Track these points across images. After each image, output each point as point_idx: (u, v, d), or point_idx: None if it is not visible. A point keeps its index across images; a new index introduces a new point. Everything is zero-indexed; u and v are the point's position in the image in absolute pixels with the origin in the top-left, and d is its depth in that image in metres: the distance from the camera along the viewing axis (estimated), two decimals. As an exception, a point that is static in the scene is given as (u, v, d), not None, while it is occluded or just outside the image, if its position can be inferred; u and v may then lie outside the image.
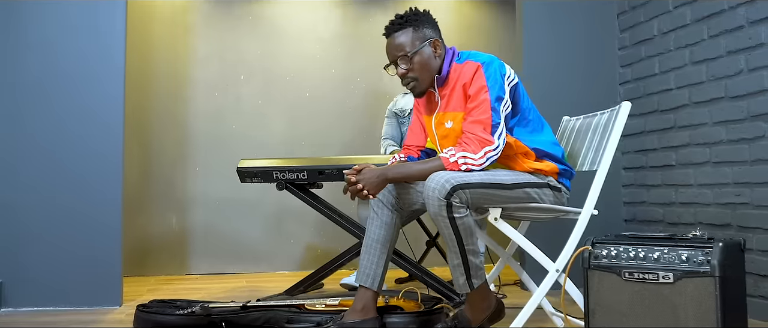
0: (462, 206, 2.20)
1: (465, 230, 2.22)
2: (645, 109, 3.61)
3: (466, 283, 2.29)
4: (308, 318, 2.69)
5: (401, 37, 2.42)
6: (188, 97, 4.63)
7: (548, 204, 2.38)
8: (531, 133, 2.44)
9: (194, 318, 2.75)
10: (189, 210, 4.60)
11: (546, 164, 2.40)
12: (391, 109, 4.05)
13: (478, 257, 2.29)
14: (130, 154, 4.54)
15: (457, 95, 2.39)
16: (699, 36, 3.22)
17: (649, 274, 2.07)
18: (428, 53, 2.42)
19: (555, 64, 3.79)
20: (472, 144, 2.27)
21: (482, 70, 2.34)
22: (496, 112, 2.29)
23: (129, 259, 4.48)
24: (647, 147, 3.60)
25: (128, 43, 4.51)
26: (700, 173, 3.20)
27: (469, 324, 2.38)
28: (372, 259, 2.52)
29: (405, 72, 2.43)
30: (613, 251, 2.16)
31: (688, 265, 2.01)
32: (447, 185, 2.17)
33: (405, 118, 3.96)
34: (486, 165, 2.28)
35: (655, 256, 2.08)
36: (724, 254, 1.97)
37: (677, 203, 3.37)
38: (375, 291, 2.52)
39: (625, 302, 2.12)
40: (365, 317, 2.49)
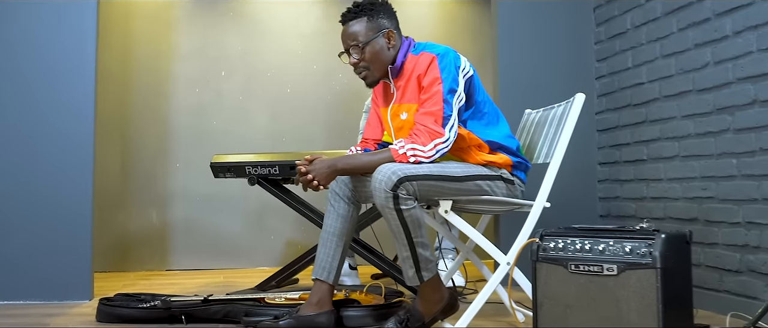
0: (409, 198, 2.19)
1: (413, 222, 2.21)
2: (619, 103, 3.58)
3: (416, 275, 2.28)
4: (266, 311, 2.69)
5: (355, 26, 2.42)
6: (170, 92, 4.65)
7: (501, 197, 2.37)
8: (486, 126, 2.42)
9: (155, 311, 2.75)
10: (170, 205, 4.61)
11: (499, 157, 2.39)
12: (369, 104, 4.04)
13: (428, 250, 2.28)
14: (111, 150, 4.56)
15: (411, 87, 2.39)
16: (669, 29, 3.19)
17: (594, 266, 2.06)
18: (381, 44, 2.41)
19: (531, 58, 3.76)
20: (422, 136, 2.26)
21: (436, 61, 2.32)
22: (449, 104, 2.28)
23: (109, 255, 4.51)
24: (621, 142, 3.57)
25: (110, 38, 4.56)
26: (670, 167, 3.18)
27: (422, 318, 2.37)
28: (328, 252, 2.52)
29: (357, 61, 2.42)
30: (560, 243, 2.14)
31: (632, 257, 2.00)
32: (393, 177, 2.16)
33: (381, 113, 3.95)
34: (436, 157, 2.26)
35: (600, 248, 2.06)
36: (666, 246, 1.96)
37: (648, 197, 3.34)
38: (331, 284, 2.51)
39: (572, 295, 2.11)
40: (320, 310, 2.49)
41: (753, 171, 2.68)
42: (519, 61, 3.76)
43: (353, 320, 2.61)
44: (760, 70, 2.64)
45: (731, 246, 2.80)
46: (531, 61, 3.76)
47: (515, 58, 3.76)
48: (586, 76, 3.83)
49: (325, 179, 2.31)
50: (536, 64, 3.76)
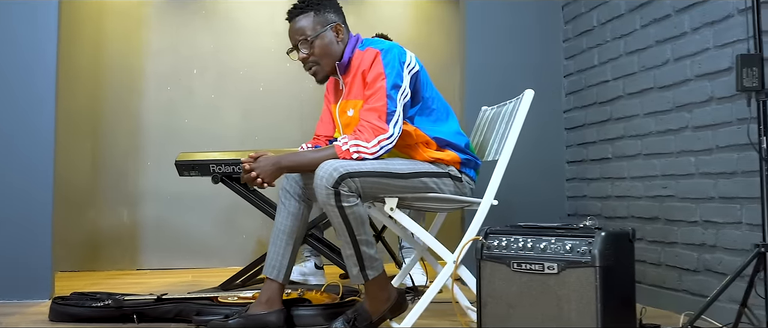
0: (352, 195, 2.16)
1: (356, 219, 2.18)
2: (586, 101, 3.56)
3: (360, 274, 2.25)
4: (217, 310, 2.66)
5: (302, 20, 2.39)
6: (141, 89, 4.62)
7: (448, 194, 2.34)
8: (434, 123, 2.39)
9: (107, 311, 2.72)
10: (140, 204, 4.58)
11: (447, 154, 2.36)
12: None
13: (373, 248, 2.25)
14: (81, 147, 4.53)
15: (357, 83, 2.36)
16: (632, 26, 3.16)
17: (535, 265, 2.03)
18: (330, 38, 2.39)
19: (499, 56, 3.73)
20: (366, 132, 2.23)
21: (380, 57, 2.30)
22: (393, 100, 2.25)
23: (79, 253, 4.48)
24: (588, 140, 3.54)
25: (81, 34, 4.53)
26: (633, 165, 3.15)
27: (369, 317, 2.34)
28: (278, 251, 2.49)
29: (306, 57, 2.40)
30: (503, 241, 2.11)
31: (572, 255, 1.97)
32: (335, 174, 2.14)
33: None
34: (380, 154, 2.23)
35: (541, 246, 2.03)
36: (606, 243, 1.93)
37: (613, 196, 3.31)
38: (280, 283, 2.48)
39: (514, 294, 2.08)
40: (270, 309, 2.46)
41: (710, 169, 2.66)
42: (487, 60, 3.73)
43: (304, 319, 2.58)
44: (716, 66, 2.62)
45: (690, 245, 2.77)
46: (499, 59, 3.73)
47: (483, 57, 3.73)
48: (555, 74, 3.80)
49: (270, 177, 2.28)
50: (505, 62, 3.73)
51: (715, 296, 2.02)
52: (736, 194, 2.52)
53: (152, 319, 2.71)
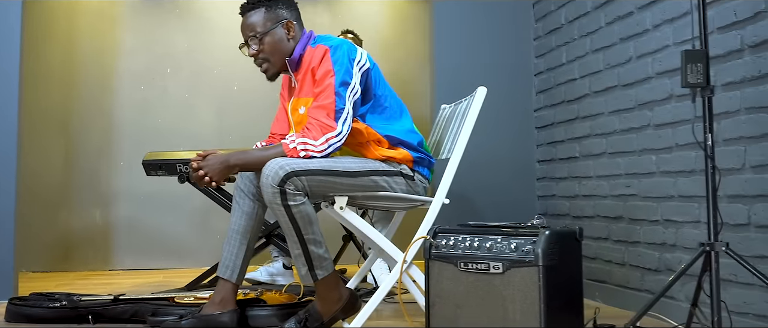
0: (299, 194, 2.13)
1: (303, 218, 2.15)
2: (555, 100, 3.53)
3: (309, 274, 2.22)
4: (173, 311, 2.63)
5: (253, 16, 2.36)
6: (114, 88, 4.60)
7: (399, 193, 2.31)
8: (387, 121, 2.36)
9: (62, 311, 2.69)
10: (113, 204, 4.56)
11: (399, 152, 2.33)
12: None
13: (321, 248, 2.22)
14: (54, 145, 4.50)
15: (308, 80, 2.33)
16: (598, 24, 3.13)
17: (481, 264, 2.00)
18: (280, 35, 2.36)
19: (469, 56, 3.70)
20: (314, 130, 2.20)
21: (329, 54, 2.27)
22: (341, 97, 2.22)
23: (52, 254, 4.46)
24: (556, 139, 3.52)
25: (53, 32, 4.50)
26: (598, 164, 3.12)
27: (320, 317, 2.31)
28: (232, 250, 2.46)
29: (256, 53, 2.37)
30: (451, 240, 2.08)
31: (516, 254, 1.94)
32: (281, 172, 2.11)
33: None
34: (328, 152, 2.20)
35: (487, 246, 2.00)
36: (549, 242, 1.90)
37: (580, 195, 3.28)
38: (234, 283, 2.45)
39: (461, 294, 2.05)
40: (223, 309, 2.43)
41: (670, 168, 2.63)
42: (456, 59, 3.70)
43: (258, 320, 2.55)
44: (676, 64, 2.59)
45: (652, 245, 2.74)
46: (469, 58, 3.70)
47: (452, 56, 3.70)
48: (525, 73, 3.77)
49: (218, 175, 2.25)
50: (474, 60, 3.70)
51: (658, 296, 1.99)
52: (695, 192, 2.49)
53: (108, 319, 2.68)
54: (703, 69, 1.87)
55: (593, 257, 3.16)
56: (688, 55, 1.87)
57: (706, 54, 1.89)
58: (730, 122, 2.31)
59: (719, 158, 2.36)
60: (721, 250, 1.91)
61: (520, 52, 3.77)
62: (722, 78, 2.35)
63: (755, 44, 2.20)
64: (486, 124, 3.67)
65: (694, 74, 1.86)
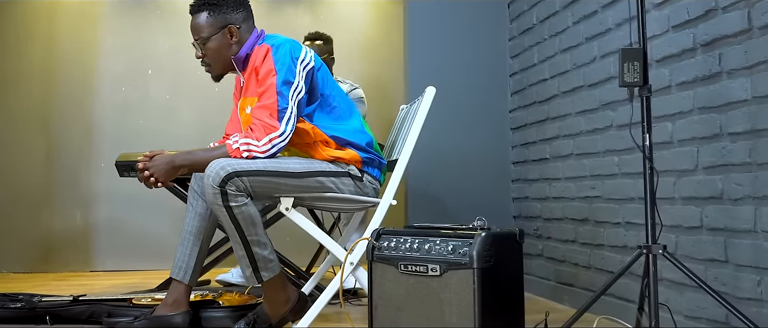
0: (240, 195, 2.11)
1: (245, 219, 2.13)
2: (527, 100, 3.49)
3: (253, 275, 2.21)
4: (128, 312, 2.62)
5: (198, 18, 2.36)
6: (95, 88, 4.61)
7: (347, 194, 2.28)
8: (335, 121, 2.34)
9: (20, 311, 2.69)
10: (94, 205, 4.56)
11: (347, 153, 2.30)
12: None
13: (266, 249, 2.20)
14: (34, 149, 4.52)
15: (253, 80, 2.32)
16: (565, 23, 3.10)
17: (420, 266, 1.97)
18: (223, 41, 2.34)
19: (444, 57, 3.68)
20: (257, 130, 2.19)
21: (271, 53, 2.25)
22: (284, 97, 2.20)
23: (32, 255, 4.47)
24: (529, 140, 3.48)
25: (34, 32, 4.51)
26: (566, 165, 3.08)
27: (268, 319, 2.30)
28: (185, 252, 2.45)
29: (201, 56, 2.36)
30: (393, 242, 2.05)
31: (453, 257, 1.91)
32: (222, 173, 2.09)
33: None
34: (272, 152, 2.18)
35: (426, 247, 1.97)
36: (484, 245, 1.87)
37: (551, 197, 3.24)
38: (187, 285, 2.44)
39: (401, 296, 2.02)
40: (176, 311, 2.41)
41: (630, 169, 2.59)
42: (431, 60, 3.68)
43: (212, 321, 2.54)
44: (635, 63, 2.55)
45: (615, 247, 2.70)
46: (445, 58, 3.68)
47: (427, 57, 3.68)
48: (501, 73, 3.74)
49: (164, 176, 2.24)
50: (450, 61, 3.68)
51: (594, 299, 1.96)
52: (653, 194, 2.44)
53: (66, 320, 2.68)
54: (640, 68, 1.83)
55: (561, 260, 3.12)
56: (625, 54, 1.84)
57: (643, 53, 1.86)
58: (684, 123, 2.27)
59: (674, 160, 2.32)
60: (659, 253, 1.87)
61: (495, 53, 3.74)
62: (677, 78, 2.31)
63: (706, 43, 2.16)
64: (462, 126, 3.66)
65: (631, 73, 1.82)
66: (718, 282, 2.11)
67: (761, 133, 1.94)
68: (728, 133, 2.07)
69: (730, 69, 2.06)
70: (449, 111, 3.65)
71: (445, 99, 3.64)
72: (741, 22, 2.01)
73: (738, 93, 2.02)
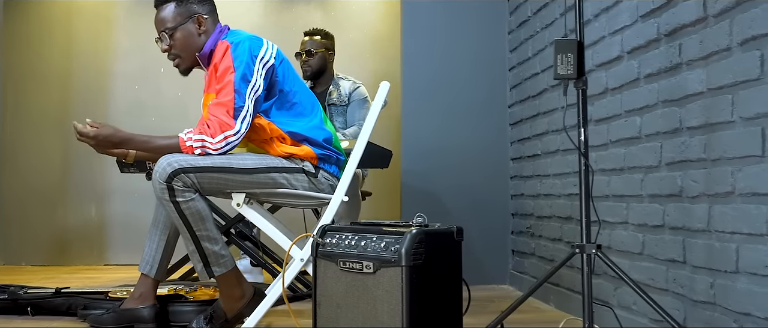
0: (188, 190, 2.12)
1: (193, 214, 2.14)
2: (523, 95, 3.40)
3: (204, 270, 2.21)
4: (102, 305, 2.66)
5: (164, 11, 2.36)
6: (109, 89, 4.71)
7: (300, 190, 2.26)
8: (294, 117, 2.32)
9: (3, 303, 2.77)
10: (108, 201, 4.67)
11: (302, 149, 2.28)
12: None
13: (218, 245, 2.20)
14: (51, 148, 4.66)
15: (213, 76, 2.31)
16: (553, 15, 3.00)
17: (356, 263, 1.93)
18: (190, 30, 2.35)
19: (441, 51, 3.62)
20: (212, 127, 2.18)
21: (230, 50, 2.24)
22: (241, 95, 2.19)
23: (50, 249, 4.61)
24: (524, 136, 3.39)
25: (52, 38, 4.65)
26: (554, 162, 2.99)
27: (224, 315, 2.30)
28: (151, 246, 2.48)
29: (167, 48, 2.37)
30: (335, 239, 2.02)
31: (386, 254, 1.86)
32: (169, 169, 2.10)
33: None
34: (225, 149, 2.18)
35: (363, 244, 1.93)
36: (413, 242, 1.81)
37: (542, 194, 3.15)
38: (154, 279, 2.47)
39: (341, 293, 1.98)
40: (142, 304, 2.45)
41: (605, 166, 2.49)
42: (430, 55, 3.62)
43: (179, 315, 2.56)
44: (609, 56, 2.45)
45: (593, 246, 2.59)
46: (444, 53, 3.62)
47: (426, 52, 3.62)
48: (500, 68, 3.65)
49: (102, 146, 2.20)
50: (450, 56, 3.61)
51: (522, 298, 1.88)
52: (623, 192, 2.34)
53: (46, 311, 2.75)
54: (574, 60, 1.74)
55: (551, 259, 3.03)
56: (559, 45, 1.76)
57: (578, 44, 1.77)
58: (650, 117, 2.16)
59: (642, 155, 2.22)
60: (592, 252, 1.78)
61: (495, 47, 3.65)
62: (644, 69, 2.20)
63: (668, 32, 2.05)
64: (461, 122, 3.59)
65: (564, 65, 1.74)
66: (677, 284, 2.00)
67: (715, 128, 1.83)
68: (687, 128, 1.96)
69: (688, 60, 1.95)
70: (447, 107, 3.60)
71: (443, 95, 3.60)
72: (697, 11, 1.90)
73: (694, 85, 1.92)
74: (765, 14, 1.62)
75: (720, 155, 1.80)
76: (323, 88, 3.60)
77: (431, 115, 3.61)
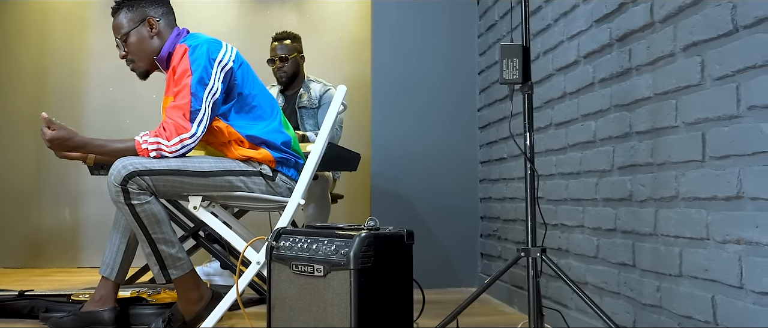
0: (143, 193, 2.12)
1: (148, 217, 2.14)
2: (491, 98, 3.42)
3: (160, 273, 2.22)
4: (63, 307, 2.66)
5: (118, 17, 2.38)
6: (84, 91, 4.70)
7: (257, 193, 2.26)
8: (253, 120, 2.32)
9: (-34, 306, 2.77)
10: (83, 203, 4.66)
11: (260, 152, 2.29)
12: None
13: (174, 247, 2.20)
14: (25, 148, 4.64)
15: (171, 79, 2.32)
16: (517, 20, 3.01)
17: (307, 266, 1.94)
18: (143, 33, 2.35)
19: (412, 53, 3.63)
20: (169, 130, 2.19)
21: (188, 53, 2.25)
22: (197, 98, 2.20)
23: (23, 251, 4.59)
24: (491, 139, 3.41)
25: (26, 38, 4.64)
26: (519, 165, 3.00)
27: (182, 317, 2.30)
28: (112, 248, 2.48)
29: (124, 54, 2.38)
30: (289, 242, 2.03)
31: (335, 257, 1.87)
32: (123, 171, 2.11)
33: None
34: (181, 152, 2.18)
35: (314, 247, 1.94)
36: (362, 245, 1.82)
37: (507, 198, 3.17)
38: (114, 281, 2.46)
39: (294, 296, 1.99)
40: (102, 307, 2.44)
41: (563, 169, 2.51)
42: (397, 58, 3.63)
43: (140, 318, 2.56)
44: (566, 60, 2.47)
45: (552, 250, 2.62)
46: (412, 56, 3.63)
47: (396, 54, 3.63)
48: (470, 71, 3.67)
49: (58, 147, 2.24)
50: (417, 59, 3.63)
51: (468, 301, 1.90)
52: (580, 195, 2.36)
53: (9, 314, 2.74)
54: (519, 65, 1.76)
55: (515, 262, 3.04)
56: (504, 50, 1.77)
57: (523, 48, 1.79)
58: (603, 121, 2.18)
59: (596, 160, 2.24)
60: (538, 256, 1.80)
61: (465, 50, 3.67)
62: (599, 74, 2.22)
63: (620, 37, 2.07)
64: (431, 125, 3.61)
65: (510, 70, 1.75)
66: (627, 287, 2.02)
67: (660, 132, 1.85)
68: (636, 133, 1.98)
69: (638, 65, 1.97)
70: (418, 110, 3.61)
71: (414, 98, 3.61)
72: (645, 16, 1.92)
73: (642, 90, 1.94)
74: (705, 20, 1.64)
75: (665, 160, 1.82)
76: (294, 91, 3.61)
77: (402, 118, 3.63)
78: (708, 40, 1.63)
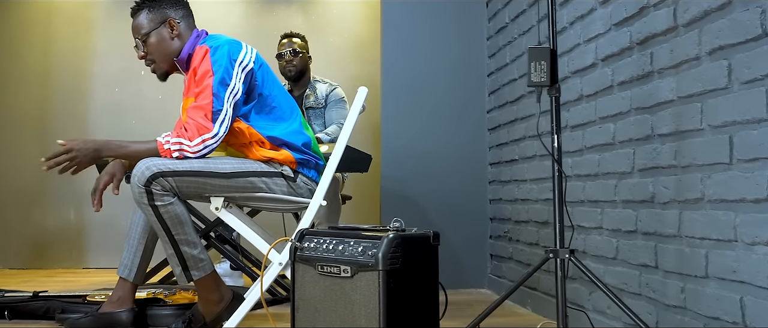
0: (166, 194, 2.13)
1: (171, 218, 2.15)
2: (501, 100, 3.44)
3: (183, 274, 2.22)
4: (80, 308, 2.67)
5: (138, 18, 2.38)
6: (89, 91, 4.69)
7: (279, 194, 2.27)
8: (273, 121, 2.33)
9: (-21, 307, 2.76)
10: (88, 204, 4.64)
11: (281, 153, 2.30)
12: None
13: (197, 249, 2.21)
14: (29, 149, 4.63)
15: (192, 80, 2.33)
16: (530, 22, 3.04)
17: (334, 267, 1.95)
18: (163, 34, 2.36)
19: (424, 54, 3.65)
20: (191, 130, 2.20)
21: (209, 54, 2.25)
22: (219, 98, 2.20)
23: (29, 251, 4.58)
24: (502, 141, 3.43)
25: (31, 38, 4.63)
26: (531, 167, 3.03)
27: (202, 318, 2.31)
28: (130, 250, 2.49)
29: (143, 55, 2.38)
30: (313, 243, 2.04)
31: (363, 258, 1.88)
32: (147, 173, 2.11)
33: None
34: (204, 153, 2.19)
35: (340, 248, 1.95)
36: (390, 246, 1.83)
37: (519, 199, 3.19)
38: (133, 282, 2.47)
39: (319, 298, 2.00)
40: (120, 308, 2.45)
41: (580, 171, 2.53)
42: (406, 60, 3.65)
43: (158, 319, 2.56)
44: (583, 63, 2.49)
45: (568, 251, 2.63)
46: (421, 58, 3.65)
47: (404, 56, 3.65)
48: (479, 73, 3.69)
49: (88, 162, 2.24)
50: (426, 62, 3.64)
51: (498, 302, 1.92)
52: (598, 197, 2.38)
53: (23, 315, 2.74)
54: (547, 67, 1.78)
55: (528, 263, 3.07)
56: (532, 53, 1.79)
57: (551, 51, 1.81)
58: (623, 124, 2.20)
59: (615, 161, 2.26)
60: (566, 257, 1.82)
61: (474, 52, 3.69)
62: (618, 77, 2.24)
63: (640, 41, 2.10)
64: (440, 126, 3.62)
65: (538, 73, 1.77)
66: (649, 288, 2.04)
67: (684, 135, 1.87)
68: (658, 135, 2.00)
69: (660, 68, 1.99)
70: (427, 111, 3.63)
71: (423, 99, 3.63)
72: (668, 20, 1.94)
73: (665, 93, 1.96)
74: (732, 25, 1.67)
75: (690, 162, 1.84)
76: (301, 92, 3.62)
77: (411, 119, 3.64)
78: (735, 44, 1.66)
